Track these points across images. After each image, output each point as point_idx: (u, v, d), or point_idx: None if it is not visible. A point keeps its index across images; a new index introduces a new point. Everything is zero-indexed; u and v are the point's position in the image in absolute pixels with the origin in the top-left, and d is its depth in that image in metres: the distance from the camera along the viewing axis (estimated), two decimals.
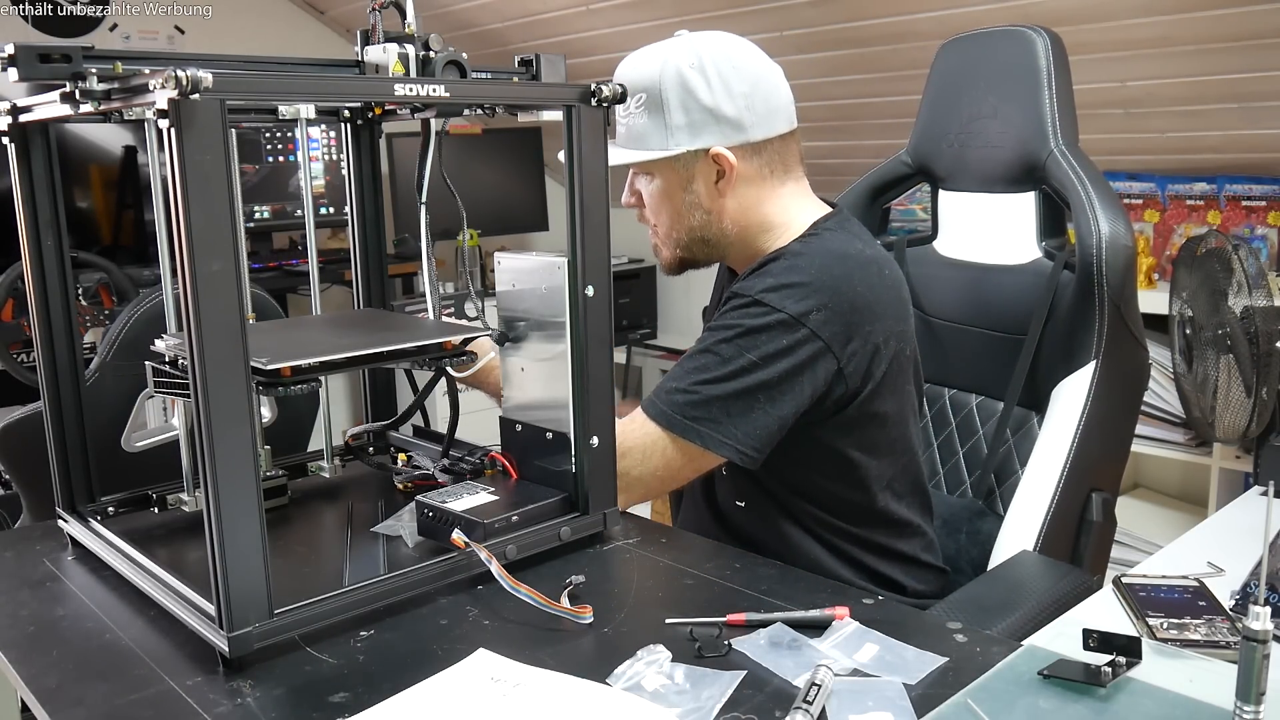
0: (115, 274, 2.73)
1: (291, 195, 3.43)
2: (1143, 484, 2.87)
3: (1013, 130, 1.39)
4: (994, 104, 1.41)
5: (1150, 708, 0.80)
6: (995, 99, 1.40)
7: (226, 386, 0.84)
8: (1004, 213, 1.43)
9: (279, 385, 0.98)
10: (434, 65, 1.10)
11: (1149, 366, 1.42)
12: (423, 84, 0.98)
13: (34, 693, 0.88)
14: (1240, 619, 0.90)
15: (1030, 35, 1.38)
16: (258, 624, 0.88)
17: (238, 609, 0.87)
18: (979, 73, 1.43)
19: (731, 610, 0.97)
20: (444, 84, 0.99)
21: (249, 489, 0.86)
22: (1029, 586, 1.20)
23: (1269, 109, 2.32)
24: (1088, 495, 1.33)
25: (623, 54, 1.31)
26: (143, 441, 1.22)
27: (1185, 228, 2.62)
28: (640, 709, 0.81)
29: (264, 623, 0.89)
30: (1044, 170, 1.36)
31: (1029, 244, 1.42)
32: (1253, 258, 1.77)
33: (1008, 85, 1.39)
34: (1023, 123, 1.37)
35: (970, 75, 1.44)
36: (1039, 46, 1.37)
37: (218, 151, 0.81)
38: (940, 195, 1.52)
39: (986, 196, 1.45)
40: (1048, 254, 1.41)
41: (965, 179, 1.47)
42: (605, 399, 1.14)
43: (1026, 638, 0.95)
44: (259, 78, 0.98)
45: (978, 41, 1.46)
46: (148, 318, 1.52)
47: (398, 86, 0.96)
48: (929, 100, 1.51)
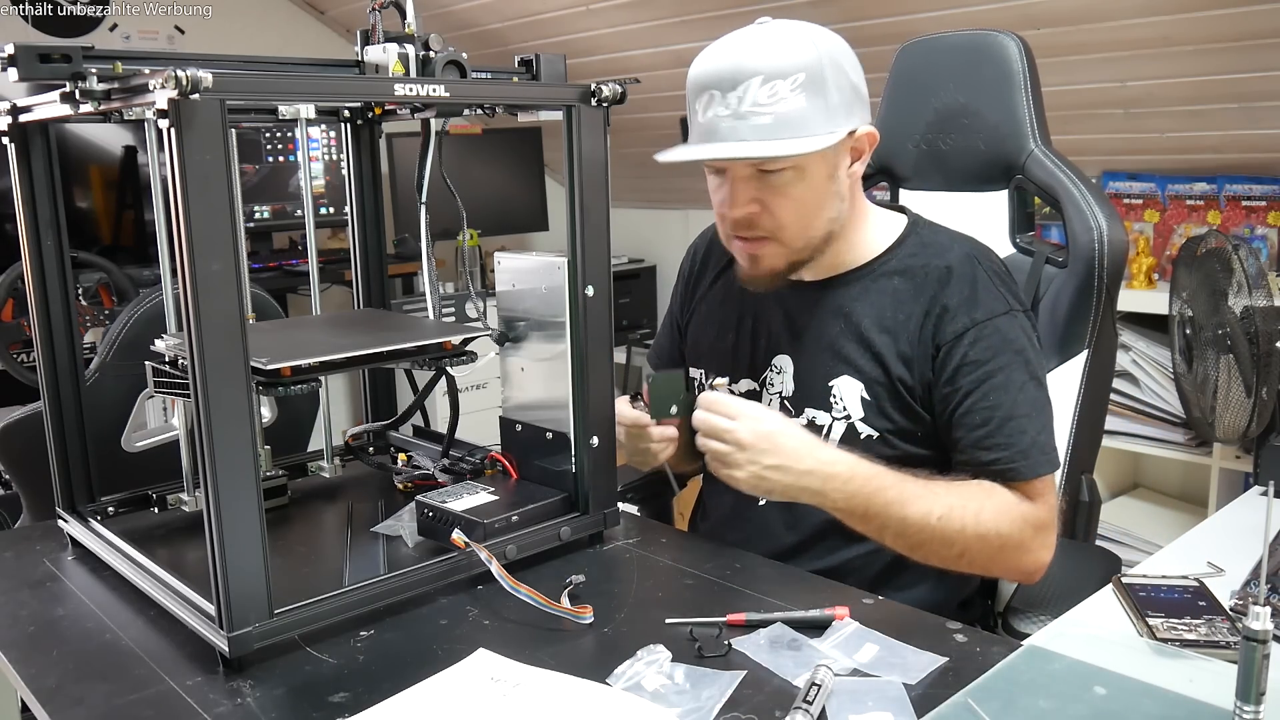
0: (115, 274, 2.72)
1: (291, 195, 3.43)
2: (1143, 484, 2.86)
3: (987, 131, 1.42)
4: (965, 105, 1.44)
5: (1150, 708, 0.80)
6: (966, 100, 1.44)
7: (226, 386, 0.84)
8: (974, 211, 1.46)
9: (279, 385, 0.99)
10: (434, 65, 1.10)
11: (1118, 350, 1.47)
12: (423, 84, 0.98)
13: (34, 692, 0.88)
14: (1240, 619, 0.90)
15: (1003, 39, 1.42)
16: (258, 624, 0.88)
17: (237, 609, 0.87)
18: (947, 75, 1.46)
19: (731, 610, 0.97)
20: (444, 84, 0.99)
21: (249, 489, 0.87)
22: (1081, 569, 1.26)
23: (1269, 109, 2.32)
24: (1079, 478, 1.37)
25: (623, 54, 1.31)
26: (143, 441, 1.22)
27: (1185, 228, 2.62)
28: (640, 709, 0.81)
29: (264, 623, 0.89)
30: (1023, 169, 1.40)
31: (1002, 240, 1.45)
32: (1253, 258, 1.77)
33: (981, 87, 1.43)
34: (998, 123, 1.41)
35: (937, 77, 1.46)
36: (1012, 50, 1.41)
37: (218, 151, 0.81)
38: (902, 195, 1.55)
39: (954, 195, 1.48)
40: (1022, 250, 1.44)
41: (931, 178, 1.50)
42: (605, 399, 1.13)
43: None
44: (259, 78, 0.99)
45: (941, 44, 1.49)
46: (148, 318, 1.52)
47: (398, 86, 0.96)
48: (890, 101, 1.53)
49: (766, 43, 1.11)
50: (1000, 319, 1.16)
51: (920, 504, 1.09)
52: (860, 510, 1.09)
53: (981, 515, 1.09)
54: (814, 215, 1.16)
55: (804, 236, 1.17)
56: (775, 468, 1.07)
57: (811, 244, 1.18)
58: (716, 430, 1.09)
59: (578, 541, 1.13)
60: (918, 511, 1.08)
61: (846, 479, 1.08)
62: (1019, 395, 1.14)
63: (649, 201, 3.93)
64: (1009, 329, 1.16)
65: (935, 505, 1.09)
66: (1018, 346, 1.16)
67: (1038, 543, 1.12)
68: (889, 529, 1.10)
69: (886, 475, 1.10)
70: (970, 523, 1.09)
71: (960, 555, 1.11)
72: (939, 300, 1.17)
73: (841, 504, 1.09)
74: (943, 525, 1.08)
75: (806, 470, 1.08)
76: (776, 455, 1.07)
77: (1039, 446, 1.14)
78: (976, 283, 1.17)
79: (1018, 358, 1.15)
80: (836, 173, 1.16)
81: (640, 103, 3.58)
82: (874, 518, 1.09)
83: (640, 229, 3.95)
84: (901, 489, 1.09)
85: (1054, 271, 1.39)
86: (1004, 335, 1.15)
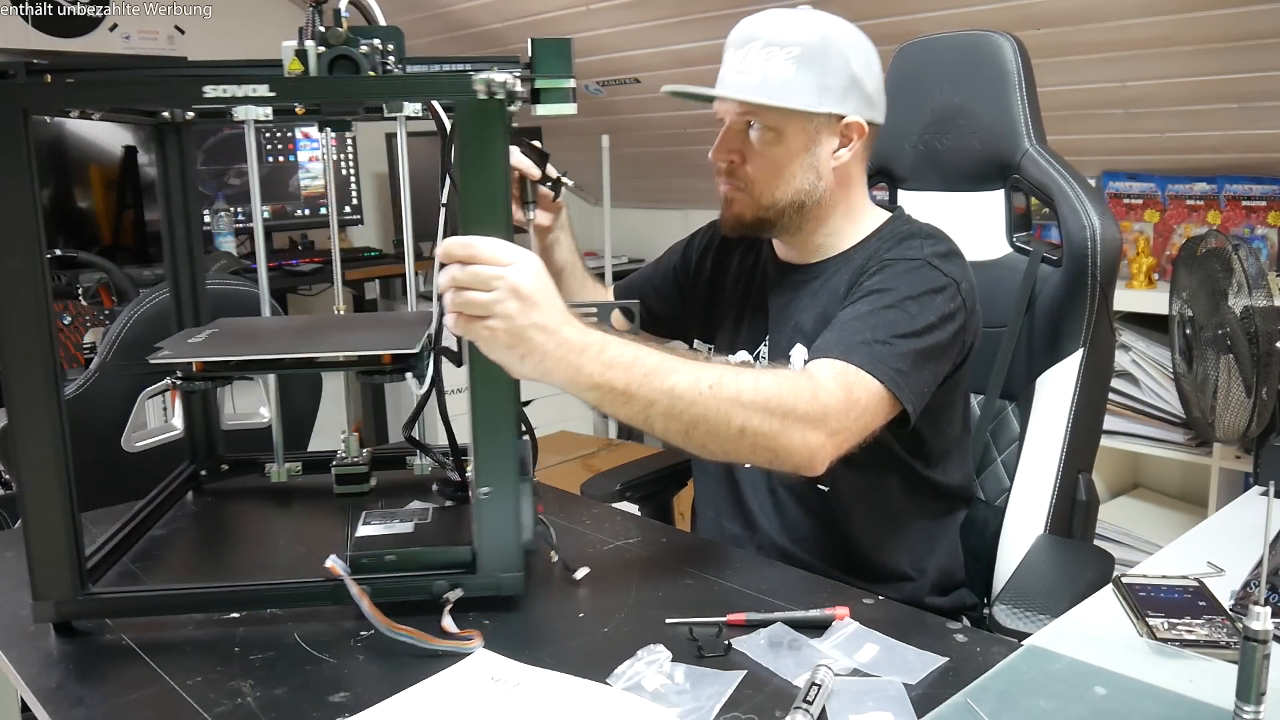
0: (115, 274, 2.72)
1: (291, 195, 3.43)
2: (1143, 484, 2.86)
3: (983, 130, 1.43)
4: (960, 105, 1.45)
5: (1150, 708, 0.80)
6: (962, 100, 1.45)
7: (28, 382, 0.90)
8: (971, 210, 1.47)
9: (192, 381, 1.03)
10: (321, 62, 0.96)
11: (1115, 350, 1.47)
12: (241, 85, 0.87)
13: (34, 692, 0.88)
14: (1240, 619, 0.90)
15: (998, 39, 1.43)
16: (61, 600, 0.96)
17: (42, 584, 0.95)
18: (943, 75, 1.47)
19: (731, 610, 0.97)
20: (268, 83, 0.88)
21: (53, 478, 0.93)
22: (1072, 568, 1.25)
23: (1269, 109, 2.32)
24: (1076, 477, 1.37)
25: (623, 54, 1.31)
26: (143, 441, 1.22)
27: (1185, 228, 2.62)
28: (640, 709, 0.81)
29: (68, 600, 0.96)
30: (1018, 168, 1.41)
31: (999, 239, 1.46)
32: (1253, 258, 1.77)
33: (976, 87, 1.43)
34: (993, 123, 1.42)
35: (933, 77, 1.47)
36: (1007, 50, 1.41)
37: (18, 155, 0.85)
38: (900, 195, 1.56)
39: (952, 195, 1.49)
40: (1018, 248, 1.45)
41: (929, 178, 1.50)
42: (506, 446, 0.96)
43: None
44: (55, 86, 0.94)
45: (937, 45, 1.50)
46: (148, 318, 1.52)
47: (207, 88, 0.87)
48: (887, 102, 1.53)
49: (781, 17, 1.22)
50: (905, 261, 1.19)
51: (688, 372, 0.99)
52: (620, 385, 0.96)
53: (761, 381, 1.02)
54: (781, 179, 1.24)
55: (770, 195, 1.25)
56: (540, 327, 0.92)
57: (776, 205, 1.25)
58: (484, 277, 0.90)
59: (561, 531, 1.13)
60: (686, 380, 0.99)
61: (601, 347, 0.96)
62: (878, 310, 1.14)
63: (649, 201, 3.93)
64: (907, 269, 1.18)
65: (705, 374, 1.00)
66: (908, 285, 1.16)
67: (825, 425, 1.04)
68: (657, 406, 0.98)
69: (642, 346, 0.99)
70: (748, 388, 1.00)
71: (741, 431, 1.00)
72: (872, 260, 1.23)
73: (598, 378, 0.95)
74: (716, 394, 0.99)
75: (565, 340, 0.93)
76: (543, 313, 0.92)
77: (867, 346, 1.10)
78: (904, 241, 1.23)
79: (900, 288, 1.15)
80: (815, 149, 1.24)
81: (640, 103, 3.59)
82: (637, 393, 0.97)
83: (640, 229, 3.96)
84: (662, 359, 0.99)
85: (1050, 271, 1.39)
86: (897, 270, 1.19)
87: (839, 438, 1.06)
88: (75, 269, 2.80)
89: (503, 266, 0.90)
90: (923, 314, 1.14)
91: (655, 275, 1.54)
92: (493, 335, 0.91)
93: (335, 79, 0.96)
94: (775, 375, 1.04)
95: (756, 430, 1.01)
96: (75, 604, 0.96)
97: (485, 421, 0.95)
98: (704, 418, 0.99)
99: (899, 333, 1.12)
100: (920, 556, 1.30)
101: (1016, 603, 1.10)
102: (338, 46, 0.94)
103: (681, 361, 1.00)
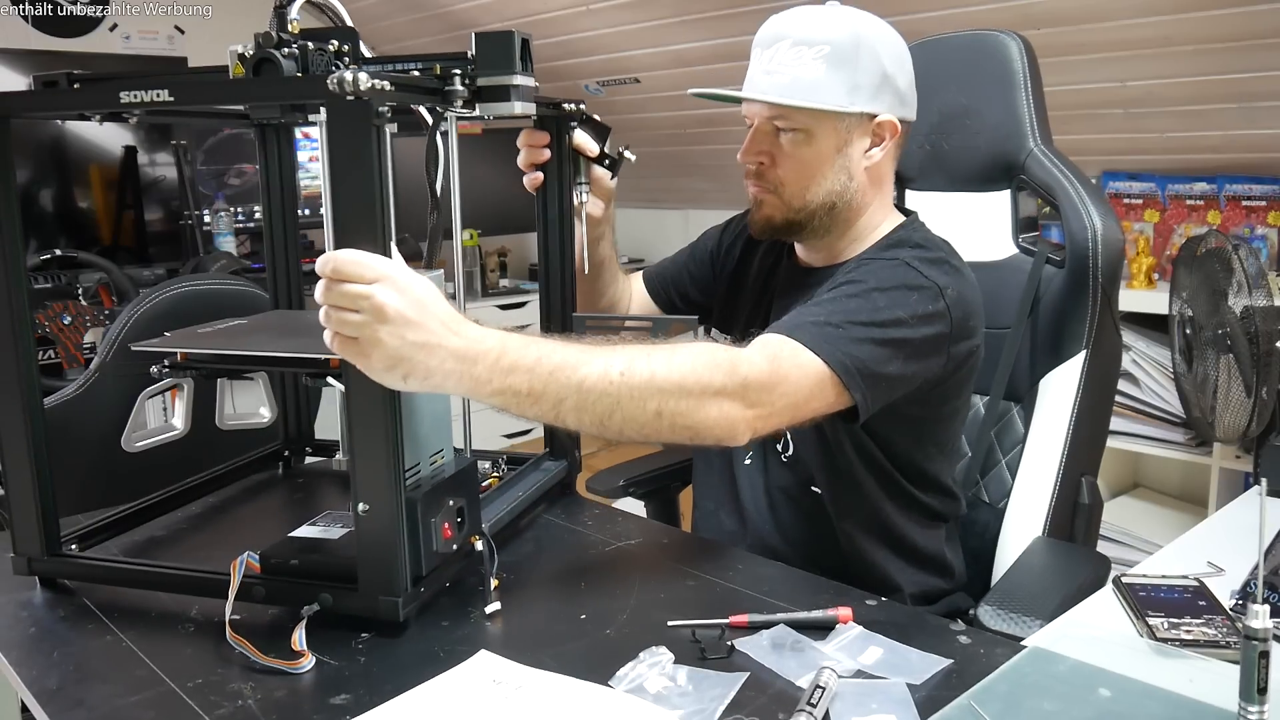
0: (115, 274, 2.73)
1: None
2: (1143, 484, 2.87)
3: (988, 130, 1.42)
4: (967, 105, 1.44)
5: (1150, 708, 0.80)
6: (968, 100, 1.44)
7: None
8: (978, 211, 1.47)
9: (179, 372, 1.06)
10: (247, 65, 0.95)
11: (1122, 352, 1.46)
12: (147, 90, 0.90)
13: (34, 694, 0.88)
14: (1240, 618, 0.90)
15: (1004, 39, 1.42)
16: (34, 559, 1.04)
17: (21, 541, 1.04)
18: (949, 75, 1.46)
19: (734, 611, 0.96)
20: (168, 87, 0.89)
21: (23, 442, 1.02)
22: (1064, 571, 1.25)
23: (1269, 109, 2.32)
24: (1078, 480, 1.37)
25: (623, 54, 1.31)
26: (143, 441, 1.21)
27: (1185, 228, 2.62)
28: (643, 711, 0.81)
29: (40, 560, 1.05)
30: (1023, 168, 1.40)
31: (1005, 240, 1.46)
32: (1253, 258, 1.77)
33: (982, 87, 1.43)
34: (999, 123, 1.41)
35: (940, 77, 1.46)
36: (1013, 50, 1.41)
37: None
38: (907, 196, 1.55)
39: (958, 195, 1.48)
40: (1024, 249, 1.44)
41: (936, 179, 1.50)
42: (381, 458, 0.90)
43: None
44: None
45: (943, 45, 1.49)
46: (148, 318, 1.52)
47: (122, 94, 0.91)
48: None
49: (810, 15, 1.20)
50: (884, 261, 1.19)
51: (595, 363, 0.95)
52: (524, 388, 0.92)
53: (674, 360, 0.99)
54: (813, 180, 1.22)
55: (801, 198, 1.23)
56: (418, 345, 0.86)
57: (808, 208, 1.24)
58: (350, 296, 0.85)
59: (577, 542, 1.13)
60: (595, 371, 0.95)
61: (499, 353, 0.91)
62: (840, 299, 1.13)
63: (649, 201, 3.93)
64: (882, 266, 1.18)
65: (614, 361, 0.96)
66: (878, 278, 1.15)
67: (744, 397, 1.01)
68: (567, 402, 0.95)
69: (545, 343, 0.95)
70: (660, 369, 0.97)
71: (658, 414, 0.98)
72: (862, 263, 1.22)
73: (499, 384, 0.91)
74: (627, 380, 0.96)
75: (455, 351, 0.89)
76: (419, 330, 0.86)
77: (817, 326, 1.08)
78: (891, 247, 1.22)
79: (869, 280, 1.14)
80: (847, 149, 1.21)
81: (640, 103, 3.59)
82: (544, 393, 0.93)
83: (640, 229, 3.96)
84: (567, 353, 0.95)
85: (1055, 272, 1.39)
86: (872, 267, 1.18)
87: (760, 409, 1.03)
88: (75, 269, 2.80)
89: (367, 284, 0.85)
90: (891, 307, 1.11)
91: (691, 262, 1.50)
92: (367, 359, 0.86)
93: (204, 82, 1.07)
94: (691, 351, 1.01)
95: (673, 411, 0.98)
96: (44, 563, 1.05)
97: (362, 438, 0.90)
98: (618, 406, 0.96)
99: (856, 320, 1.09)
100: (904, 569, 1.28)
101: (1003, 604, 1.09)
102: (261, 50, 0.93)
103: (589, 352, 0.96)
